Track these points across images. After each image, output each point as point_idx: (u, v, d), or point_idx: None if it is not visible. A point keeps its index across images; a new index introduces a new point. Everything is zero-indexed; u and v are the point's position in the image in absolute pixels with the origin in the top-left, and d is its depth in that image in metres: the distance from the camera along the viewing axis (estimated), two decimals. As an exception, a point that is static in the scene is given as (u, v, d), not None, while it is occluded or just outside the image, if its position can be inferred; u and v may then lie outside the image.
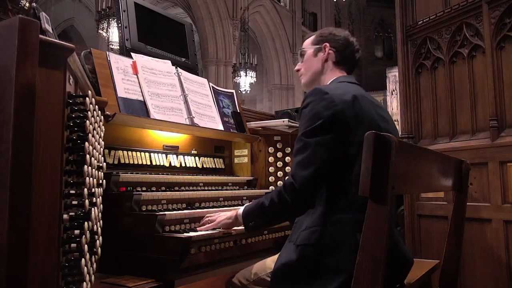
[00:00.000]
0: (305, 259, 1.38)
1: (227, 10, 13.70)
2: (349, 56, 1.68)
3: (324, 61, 1.67)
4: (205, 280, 1.71)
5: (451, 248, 1.66)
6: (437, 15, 2.88)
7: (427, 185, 1.39)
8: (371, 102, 1.53)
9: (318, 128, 1.39)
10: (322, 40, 1.69)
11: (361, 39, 21.19)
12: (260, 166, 2.39)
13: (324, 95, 1.42)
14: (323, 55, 1.67)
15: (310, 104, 1.44)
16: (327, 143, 1.37)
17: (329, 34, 1.69)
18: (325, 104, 1.40)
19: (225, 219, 1.56)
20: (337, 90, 1.46)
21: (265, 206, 1.45)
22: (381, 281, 0.92)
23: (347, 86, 1.53)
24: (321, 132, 1.38)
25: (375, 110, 1.52)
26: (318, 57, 1.69)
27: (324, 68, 1.68)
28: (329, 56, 1.66)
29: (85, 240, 0.99)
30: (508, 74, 2.49)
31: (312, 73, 1.71)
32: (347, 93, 1.45)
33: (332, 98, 1.41)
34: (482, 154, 2.52)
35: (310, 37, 1.76)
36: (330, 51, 1.66)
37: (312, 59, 1.70)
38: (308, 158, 1.38)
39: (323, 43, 1.67)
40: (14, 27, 0.84)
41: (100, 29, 8.46)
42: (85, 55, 1.77)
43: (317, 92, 1.44)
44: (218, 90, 2.39)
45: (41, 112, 0.88)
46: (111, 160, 1.73)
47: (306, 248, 1.39)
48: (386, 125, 1.52)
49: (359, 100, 1.45)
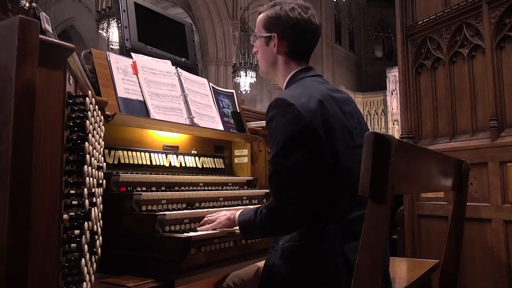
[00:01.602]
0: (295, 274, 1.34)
1: (227, 10, 13.70)
2: (304, 45, 1.51)
3: (276, 52, 1.51)
4: (205, 280, 1.71)
5: (451, 248, 1.66)
6: (437, 15, 2.88)
7: (427, 185, 1.39)
8: (335, 100, 1.42)
9: (289, 146, 1.29)
10: (270, 27, 1.51)
11: (361, 39, 21.21)
12: (260, 166, 2.39)
13: (288, 107, 1.30)
14: (274, 46, 1.50)
15: (274, 119, 1.33)
16: (302, 162, 1.29)
17: (276, 19, 1.49)
18: (291, 118, 1.29)
19: (225, 219, 1.55)
20: (300, 97, 1.34)
21: (256, 226, 1.40)
22: (381, 281, 0.92)
23: (308, 87, 1.43)
24: (294, 150, 1.29)
25: (340, 108, 1.42)
26: (269, 47, 1.52)
27: (278, 60, 1.53)
28: (280, 48, 1.50)
29: (85, 240, 0.99)
30: (508, 74, 2.49)
31: (266, 64, 1.57)
32: (311, 98, 1.35)
33: (297, 110, 1.29)
34: (482, 154, 2.53)
35: (261, 13, 1.57)
36: (280, 42, 1.49)
37: (264, 49, 1.55)
38: (287, 183, 1.30)
39: (272, 32, 1.50)
40: (14, 27, 0.84)
41: (100, 29, 8.45)
42: (85, 55, 1.77)
43: (280, 104, 1.33)
44: (218, 90, 2.39)
45: (41, 112, 0.88)
46: (111, 160, 1.73)
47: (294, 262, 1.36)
48: (352, 121, 1.44)
49: (324, 104, 1.35)
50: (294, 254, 1.36)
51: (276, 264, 1.39)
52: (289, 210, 1.31)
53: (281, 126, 1.31)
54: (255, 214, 1.40)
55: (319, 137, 1.31)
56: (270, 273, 1.40)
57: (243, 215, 1.48)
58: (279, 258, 1.38)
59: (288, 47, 1.50)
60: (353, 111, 1.49)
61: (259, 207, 1.42)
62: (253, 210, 1.43)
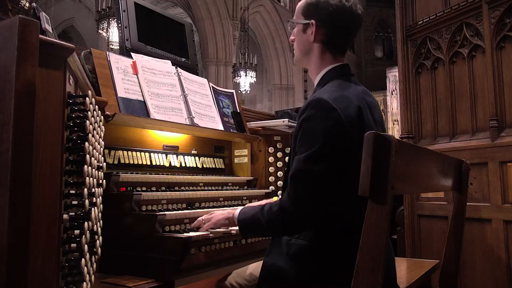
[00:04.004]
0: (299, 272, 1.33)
1: (227, 10, 13.69)
2: (342, 35, 1.48)
3: (312, 41, 1.47)
4: (205, 280, 1.71)
5: (451, 248, 1.66)
6: (437, 15, 2.88)
7: (427, 185, 1.39)
8: (369, 106, 1.42)
9: (322, 154, 1.25)
10: (309, 14, 1.47)
11: (361, 39, 21.19)
12: (260, 166, 2.39)
13: (330, 112, 1.26)
14: (311, 34, 1.46)
15: (313, 119, 1.28)
16: (330, 171, 1.25)
17: (316, 5, 1.44)
18: (332, 125, 1.26)
19: (222, 219, 1.52)
20: (342, 102, 1.30)
21: (261, 224, 1.36)
22: (381, 281, 0.92)
23: (346, 89, 1.39)
24: (325, 159, 1.25)
25: (372, 115, 1.42)
26: (306, 35, 1.48)
27: (313, 49, 1.49)
28: (317, 36, 1.45)
29: (85, 240, 0.99)
30: (508, 74, 2.49)
31: (301, 52, 1.53)
32: (350, 104, 1.31)
33: (339, 118, 1.26)
34: (482, 154, 2.53)
35: (301, 1, 1.53)
36: (318, 30, 1.45)
37: (301, 36, 1.51)
38: (309, 190, 1.27)
39: (311, 19, 1.45)
40: (14, 27, 0.84)
41: (100, 29, 8.45)
42: (85, 55, 1.77)
43: (323, 107, 1.28)
44: (218, 90, 2.39)
45: (41, 112, 0.88)
46: (111, 160, 1.73)
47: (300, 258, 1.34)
48: (381, 130, 1.43)
49: (362, 112, 1.33)
50: (302, 253, 1.34)
51: (280, 262, 1.37)
52: (304, 213, 1.28)
53: (319, 130, 1.26)
54: (261, 213, 1.35)
55: (352, 145, 1.27)
56: (272, 271, 1.38)
57: (244, 214, 1.44)
58: (286, 255, 1.36)
59: (325, 36, 1.45)
60: (380, 119, 1.48)
61: (263, 205, 1.38)
62: (257, 208, 1.39)
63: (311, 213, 1.28)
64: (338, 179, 1.27)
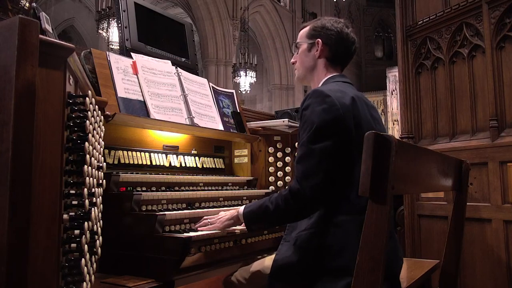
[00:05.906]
0: (307, 261, 1.37)
1: (227, 10, 13.69)
2: (343, 53, 1.66)
3: (317, 57, 1.65)
4: (205, 280, 1.71)
5: (451, 248, 1.66)
6: (437, 15, 2.88)
7: (427, 185, 1.39)
8: (365, 103, 1.54)
9: (321, 133, 1.37)
10: (315, 35, 1.66)
11: (361, 39, 21.19)
12: (260, 166, 2.39)
13: (325, 98, 1.40)
14: (316, 52, 1.65)
15: (310, 106, 1.42)
16: (331, 149, 1.36)
17: (321, 28, 1.65)
18: (326, 108, 1.38)
19: (227, 220, 1.55)
20: (336, 92, 1.45)
21: (269, 211, 1.43)
22: (381, 281, 0.92)
23: (343, 87, 1.53)
24: (325, 138, 1.37)
25: (369, 111, 1.53)
26: (311, 53, 1.67)
27: (317, 65, 1.66)
28: (322, 53, 1.64)
29: (85, 240, 0.99)
30: (508, 74, 2.49)
31: (305, 69, 1.70)
32: (345, 95, 1.45)
33: (333, 101, 1.39)
34: (482, 154, 2.52)
35: (304, 27, 1.73)
36: (323, 47, 1.64)
37: (306, 54, 1.68)
38: (314, 167, 1.36)
39: (316, 39, 1.64)
40: (14, 27, 0.84)
41: (100, 29, 8.45)
42: (85, 55, 1.77)
43: (318, 94, 1.42)
44: (218, 90, 2.39)
45: (41, 112, 0.88)
46: (111, 160, 1.73)
47: (307, 249, 1.39)
48: (379, 127, 1.54)
49: (356, 102, 1.45)
50: (307, 241, 1.39)
51: (287, 253, 1.42)
52: (311, 193, 1.35)
53: (315, 113, 1.39)
54: (269, 200, 1.43)
55: (349, 130, 1.39)
56: (281, 265, 1.42)
57: (250, 206, 1.51)
58: (293, 245, 1.42)
59: (330, 52, 1.64)
60: (379, 119, 1.60)
61: (269, 197, 1.45)
62: (263, 199, 1.47)
63: (319, 189, 1.35)
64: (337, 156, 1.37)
